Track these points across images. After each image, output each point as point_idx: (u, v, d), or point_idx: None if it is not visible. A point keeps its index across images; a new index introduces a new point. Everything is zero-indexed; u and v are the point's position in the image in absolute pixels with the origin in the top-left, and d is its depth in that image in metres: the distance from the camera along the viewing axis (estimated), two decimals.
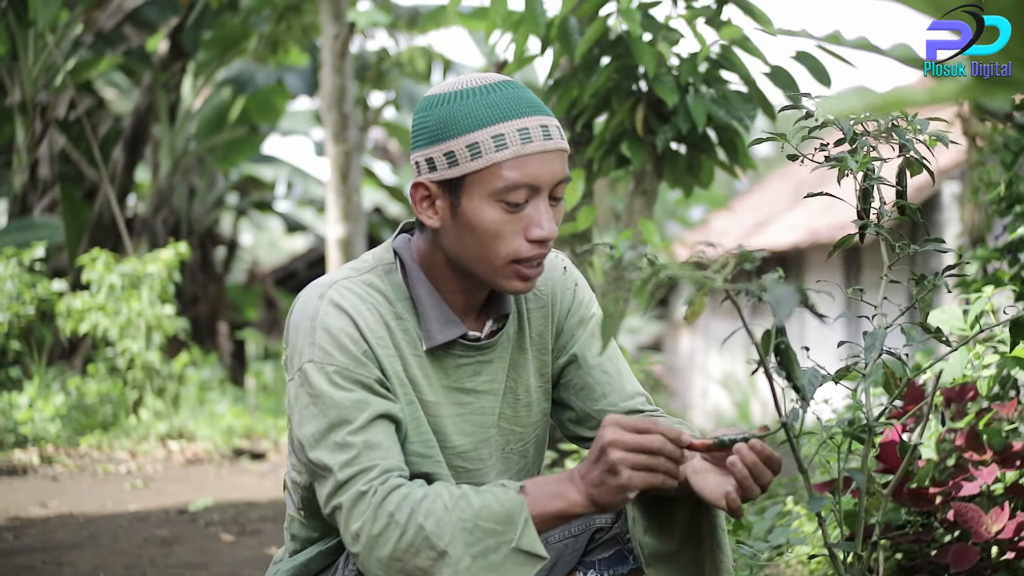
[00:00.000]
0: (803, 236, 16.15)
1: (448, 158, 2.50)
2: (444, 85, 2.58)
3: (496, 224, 2.50)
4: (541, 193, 2.51)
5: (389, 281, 2.63)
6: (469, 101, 2.51)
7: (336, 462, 2.42)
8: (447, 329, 2.61)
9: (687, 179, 5.35)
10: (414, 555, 2.34)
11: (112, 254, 10.48)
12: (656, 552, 2.68)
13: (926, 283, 2.67)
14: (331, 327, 2.50)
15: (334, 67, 12.03)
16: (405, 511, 2.35)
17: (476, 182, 2.49)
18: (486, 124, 2.48)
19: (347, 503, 2.40)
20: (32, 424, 9.35)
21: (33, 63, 13.32)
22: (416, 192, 2.56)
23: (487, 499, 2.37)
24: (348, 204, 12.03)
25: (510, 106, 2.51)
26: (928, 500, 3.62)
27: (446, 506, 2.36)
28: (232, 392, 12.90)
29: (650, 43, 5.03)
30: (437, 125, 2.52)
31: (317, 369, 2.48)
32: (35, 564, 5.57)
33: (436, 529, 2.34)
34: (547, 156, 2.51)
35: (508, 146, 2.47)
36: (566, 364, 2.84)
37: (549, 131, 2.52)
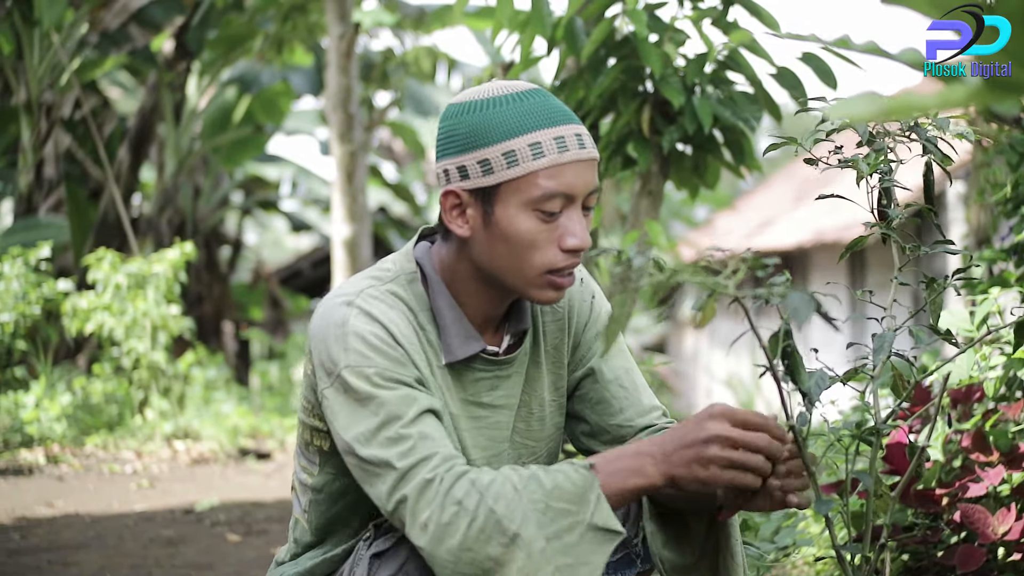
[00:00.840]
0: (808, 236, 16.14)
1: (482, 166, 2.47)
2: (472, 92, 2.56)
3: (531, 233, 2.48)
4: (575, 202, 2.50)
5: (412, 291, 2.60)
6: (503, 108, 2.49)
7: (394, 454, 2.37)
8: (467, 344, 2.59)
9: (693, 180, 5.35)
10: (485, 542, 2.28)
11: (118, 254, 10.49)
12: (676, 565, 2.67)
13: (936, 286, 2.67)
14: (363, 332, 2.47)
15: (339, 67, 12.03)
16: (474, 497, 2.30)
17: (511, 191, 2.47)
18: (522, 132, 2.46)
19: (413, 493, 2.34)
20: (38, 424, 9.36)
21: (38, 63, 13.33)
22: (447, 200, 2.53)
23: (557, 478, 2.34)
24: (353, 204, 12.04)
25: (545, 114, 2.49)
26: (935, 501, 3.62)
27: (515, 488, 2.32)
28: (237, 392, 12.91)
29: (656, 44, 5.03)
30: (470, 132, 2.49)
31: (356, 373, 2.44)
32: (41, 564, 5.58)
33: (507, 512, 2.29)
34: (582, 165, 2.50)
35: (545, 154, 2.45)
36: (582, 377, 2.83)
37: (583, 140, 2.51)
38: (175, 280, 10.29)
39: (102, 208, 14.32)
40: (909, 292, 12.84)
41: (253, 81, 16.83)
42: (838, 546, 2.56)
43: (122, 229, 13.81)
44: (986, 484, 3.57)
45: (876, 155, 2.71)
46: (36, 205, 13.38)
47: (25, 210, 13.33)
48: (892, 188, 2.75)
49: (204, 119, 16.84)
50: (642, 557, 2.78)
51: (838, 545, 2.56)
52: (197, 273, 17.19)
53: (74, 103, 14.19)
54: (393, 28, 17.11)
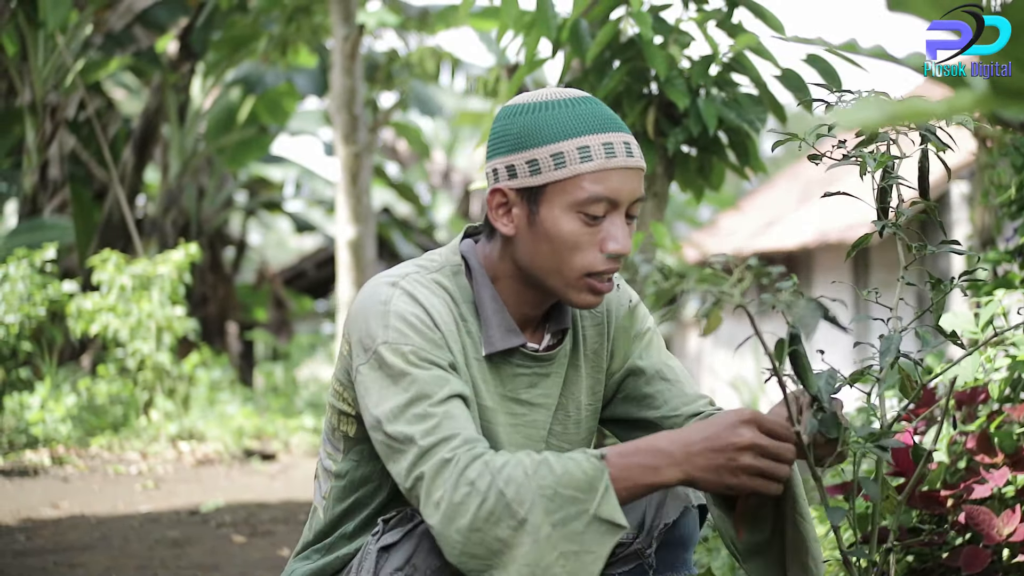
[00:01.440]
0: (812, 236, 16.13)
1: (531, 166, 2.52)
2: (527, 96, 2.61)
3: (574, 235, 2.51)
4: (619, 208, 2.53)
5: (456, 283, 2.65)
6: (555, 112, 2.54)
7: (418, 431, 2.40)
8: (507, 337, 2.63)
9: (698, 181, 5.36)
10: (494, 524, 2.31)
11: (122, 255, 10.50)
12: (750, 545, 2.69)
13: (943, 287, 2.67)
14: (404, 312, 2.51)
15: (344, 68, 12.04)
16: (486, 478, 2.33)
17: (557, 192, 2.51)
18: (572, 135, 2.51)
19: (430, 471, 2.37)
20: (43, 425, 9.37)
21: (43, 64, 13.33)
22: (493, 198, 2.58)
23: (568, 465, 2.35)
24: (358, 205, 12.04)
25: (596, 120, 2.54)
26: (939, 503, 3.63)
27: (527, 472, 2.34)
28: (242, 393, 12.92)
29: (661, 46, 5.04)
30: (521, 133, 2.54)
31: (393, 350, 2.48)
32: (47, 565, 5.58)
33: (516, 496, 2.32)
34: (628, 173, 2.53)
35: (593, 158, 2.49)
36: (624, 378, 2.86)
37: (631, 149, 2.55)
38: (180, 281, 10.30)
39: (107, 209, 14.33)
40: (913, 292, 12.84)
41: (257, 82, 16.84)
42: (844, 549, 2.56)
43: (126, 230, 13.82)
44: (991, 486, 3.57)
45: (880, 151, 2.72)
46: (41, 206, 13.39)
47: (30, 211, 13.34)
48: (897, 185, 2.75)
49: (208, 120, 16.85)
50: (655, 568, 2.79)
51: (844, 548, 2.56)
52: (201, 274, 17.20)
53: (79, 104, 14.20)
54: (397, 29, 17.11)
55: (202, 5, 14.88)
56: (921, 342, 2.65)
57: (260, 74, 16.92)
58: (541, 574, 2.32)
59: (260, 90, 16.82)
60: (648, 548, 2.77)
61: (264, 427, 10.95)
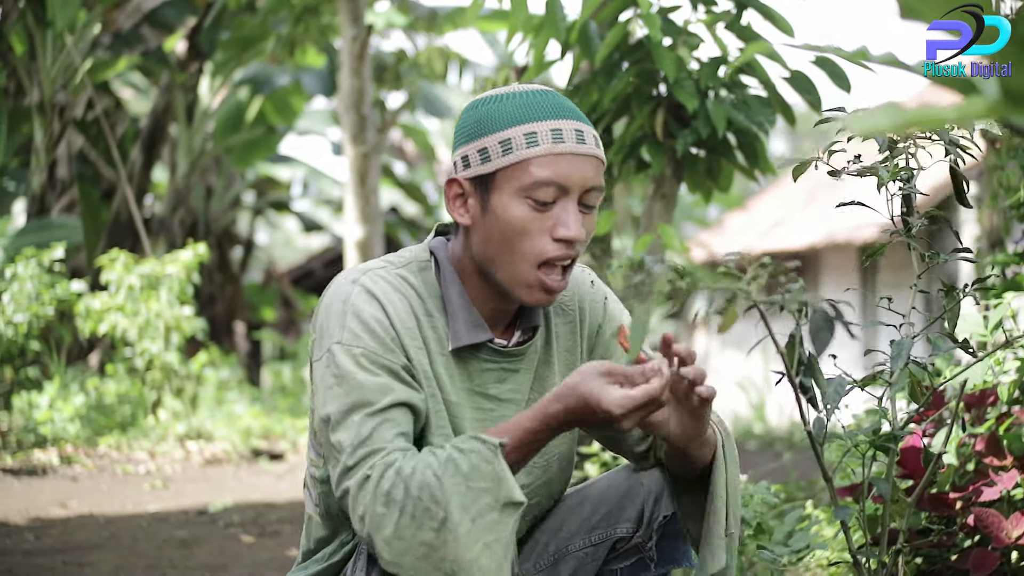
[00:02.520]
0: (820, 236, 16.12)
1: (481, 154, 2.55)
2: (488, 92, 2.65)
3: (522, 221, 2.52)
4: (570, 195, 2.54)
5: (422, 278, 2.66)
6: (507, 102, 2.57)
7: (349, 444, 2.44)
8: (473, 332, 2.64)
9: (706, 183, 5.36)
10: (416, 529, 2.36)
11: (130, 254, 10.51)
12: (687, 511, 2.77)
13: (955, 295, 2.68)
14: (361, 312, 2.53)
15: (352, 69, 12.04)
16: (400, 488, 2.37)
17: (506, 178, 2.53)
18: (520, 122, 2.53)
19: (354, 487, 2.42)
20: (52, 424, 9.38)
21: (51, 63, 13.35)
22: (450, 189, 2.61)
23: (472, 459, 2.40)
24: (366, 206, 12.04)
25: (546, 108, 2.56)
26: (948, 505, 3.63)
27: (436, 474, 2.38)
28: (250, 392, 12.93)
29: (670, 48, 5.04)
30: (474, 124, 2.58)
31: (345, 351, 2.50)
32: (56, 565, 5.59)
33: (432, 497, 2.37)
34: (579, 159, 2.54)
35: (540, 143, 2.51)
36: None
37: (583, 136, 2.56)
38: (188, 281, 10.31)
39: (115, 208, 14.35)
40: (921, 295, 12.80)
41: (265, 82, 16.86)
42: (855, 551, 2.57)
43: (135, 229, 13.84)
44: (1000, 488, 3.57)
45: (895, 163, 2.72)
46: (49, 206, 13.41)
47: (38, 210, 13.36)
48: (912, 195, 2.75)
49: (216, 120, 16.87)
50: (656, 562, 2.80)
51: (855, 550, 2.57)
52: (209, 273, 17.22)
53: (87, 104, 14.22)
54: (405, 29, 17.13)
55: (210, 5, 14.90)
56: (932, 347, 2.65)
57: (268, 74, 16.93)
58: (470, 568, 2.37)
59: (268, 90, 16.84)
60: (648, 542, 2.79)
61: (272, 427, 10.96)
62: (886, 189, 2.75)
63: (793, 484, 6.04)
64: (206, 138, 16.65)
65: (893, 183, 2.75)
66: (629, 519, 2.79)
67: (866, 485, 2.65)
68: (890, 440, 2.66)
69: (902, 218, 2.78)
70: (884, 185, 2.73)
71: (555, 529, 2.88)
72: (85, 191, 14.24)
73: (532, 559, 2.87)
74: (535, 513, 2.86)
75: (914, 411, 2.69)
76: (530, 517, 2.85)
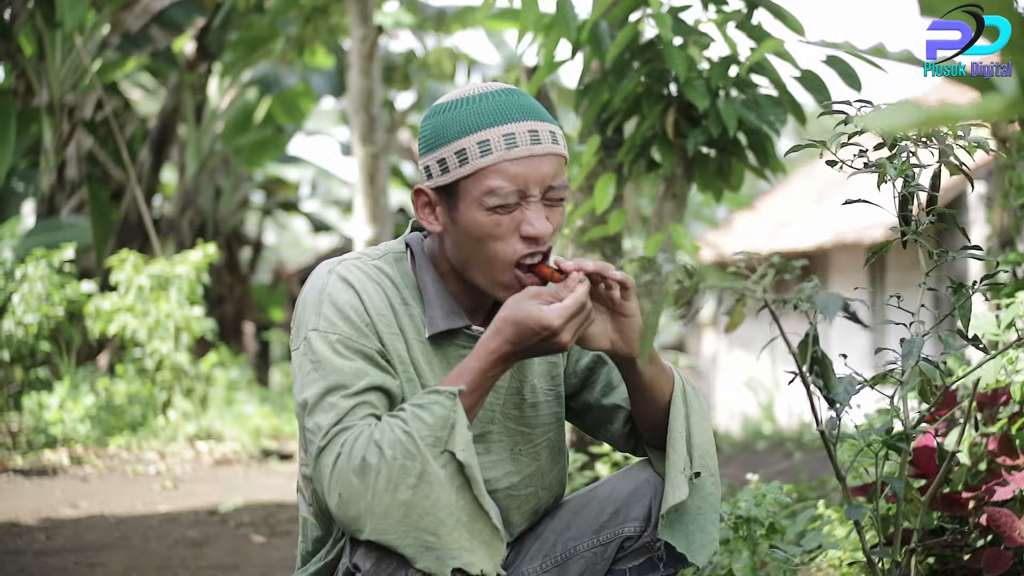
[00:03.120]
0: (829, 236, 16.10)
1: (441, 165, 2.59)
2: (447, 95, 2.67)
3: (489, 227, 2.57)
4: (531, 196, 2.58)
5: (398, 268, 2.72)
6: (461, 110, 2.59)
7: (325, 423, 2.50)
8: (450, 319, 2.69)
9: (717, 183, 5.36)
10: (393, 492, 2.43)
11: (140, 255, 10.51)
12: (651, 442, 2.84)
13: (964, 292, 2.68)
14: (337, 299, 2.59)
15: (361, 70, 12.04)
16: (374, 452, 2.44)
17: (467, 187, 2.57)
18: (473, 131, 2.56)
19: (327, 467, 2.47)
20: (62, 425, 9.39)
21: (60, 64, 13.37)
22: (418, 199, 2.66)
23: (436, 411, 2.48)
24: (375, 206, 12.05)
25: (498, 112, 2.58)
26: (961, 505, 3.62)
27: (406, 431, 2.45)
28: (259, 392, 12.94)
29: (681, 47, 5.03)
30: (432, 134, 2.61)
31: (321, 337, 2.57)
32: (67, 565, 5.60)
33: (406, 454, 2.43)
34: (534, 160, 2.57)
35: (492, 151, 2.55)
36: (591, 365, 2.90)
37: (538, 135, 2.58)
38: (197, 282, 10.31)
39: (124, 209, 14.37)
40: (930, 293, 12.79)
41: (274, 82, 16.87)
42: (869, 551, 2.57)
43: (144, 230, 13.86)
44: (1013, 488, 3.57)
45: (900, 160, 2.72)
46: (58, 206, 13.43)
47: (47, 211, 13.38)
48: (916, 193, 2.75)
49: (225, 120, 16.89)
50: (664, 561, 2.80)
51: (869, 551, 2.57)
52: (218, 274, 17.23)
53: (96, 104, 14.24)
54: (414, 29, 17.13)
55: (219, 6, 14.91)
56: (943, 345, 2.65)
57: (277, 74, 16.95)
58: (449, 512, 2.46)
59: (277, 90, 16.85)
60: (657, 541, 2.80)
61: (281, 427, 10.97)
62: (893, 187, 2.75)
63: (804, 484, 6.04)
64: (215, 139, 16.66)
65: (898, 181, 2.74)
66: (637, 518, 2.80)
67: (879, 484, 2.65)
68: (903, 440, 2.65)
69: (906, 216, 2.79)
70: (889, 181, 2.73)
71: (563, 529, 2.89)
72: (94, 192, 14.25)
73: (540, 559, 2.89)
74: (532, 505, 2.88)
75: (926, 410, 2.68)
76: (527, 508, 2.87)
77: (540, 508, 2.90)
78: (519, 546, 2.92)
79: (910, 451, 2.71)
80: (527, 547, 2.92)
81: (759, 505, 3.93)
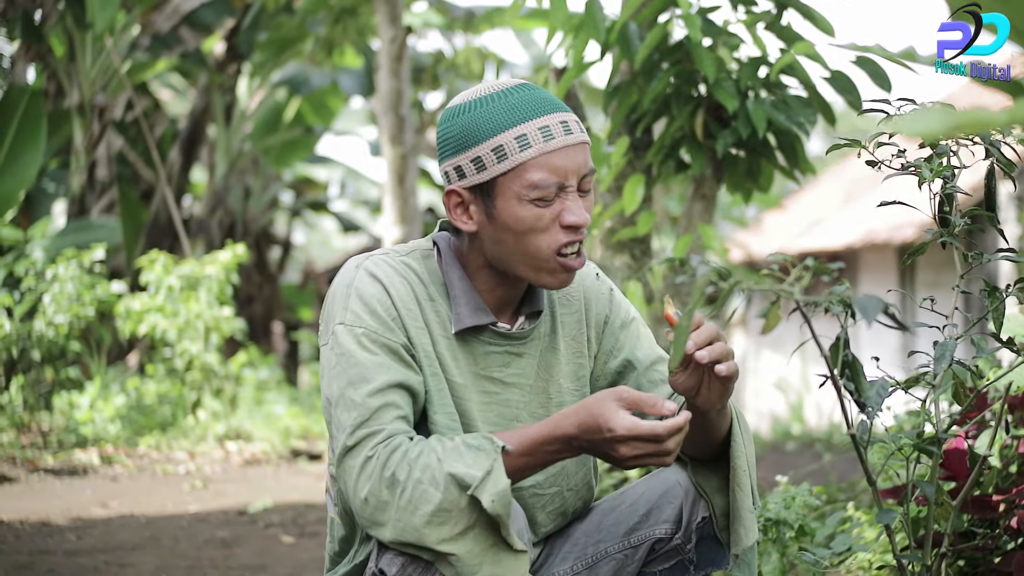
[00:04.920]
0: (858, 236, 16.04)
1: (476, 164, 2.60)
2: (462, 96, 2.69)
3: (531, 221, 2.59)
4: (569, 186, 2.60)
5: (425, 265, 2.74)
6: (489, 107, 2.61)
7: (349, 422, 2.53)
8: (476, 315, 2.70)
9: (746, 184, 5.35)
10: (411, 515, 2.44)
11: (169, 255, 10.55)
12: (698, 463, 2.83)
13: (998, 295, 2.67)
14: (364, 293, 2.62)
15: (391, 70, 12.04)
16: (404, 469, 2.46)
17: (506, 183, 2.59)
18: (508, 126, 2.58)
19: (355, 469, 2.51)
20: (92, 425, 9.43)
21: (91, 65, 13.43)
22: (449, 200, 2.66)
23: (476, 455, 2.47)
24: (404, 207, 12.05)
25: (529, 107, 2.61)
26: (992, 508, 3.60)
27: (439, 458, 2.46)
28: (288, 392, 12.96)
29: (710, 48, 5.03)
30: (461, 134, 2.62)
31: (347, 331, 2.59)
32: (98, 565, 5.61)
33: (432, 480, 2.44)
34: (570, 150, 2.60)
35: (531, 145, 2.57)
36: (620, 370, 2.90)
37: (569, 126, 2.61)
38: (227, 282, 10.33)
39: (154, 209, 14.42)
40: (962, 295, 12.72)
41: (303, 83, 16.89)
42: (900, 555, 2.56)
43: (174, 230, 13.91)
44: None
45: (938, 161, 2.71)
46: (89, 206, 13.48)
47: (78, 211, 13.43)
48: (954, 194, 2.74)
49: (254, 121, 16.93)
50: (695, 564, 2.81)
51: (900, 555, 2.56)
52: (247, 274, 17.28)
53: (126, 105, 14.30)
54: (442, 30, 17.14)
55: (248, 6, 14.95)
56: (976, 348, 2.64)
57: (306, 75, 16.97)
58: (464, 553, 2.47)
59: (306, 91, 16.87)
60: (688, 544, 2.81)
61: (310, 427, 10.99)
62: (928, 187, 2.74)
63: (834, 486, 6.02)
64: (244, 139, 16.71)
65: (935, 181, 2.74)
66: (668, 520, 2.81)
67: (910, 487, 2.64)
68: (934, 443, 2.65)
69: (943, 217, 2.78)
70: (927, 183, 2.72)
71: (593, 531, 2.90)
72: (124, 192, 14.31)
73: (570, 561, 2.89)
74: (557, 505, 2.88)
75: (957, 413, 2.67)
76: (552, 509, 2.88)
77: (567, 510, 2.90)
78: (549, 548, 2.92)
79: (941, 455, 2.70)
80: (557, 549, 2.93)
81: (788, 508, 3.92)
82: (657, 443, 2.44)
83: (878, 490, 2.59)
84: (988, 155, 2.73)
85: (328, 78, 17.03)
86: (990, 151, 2.71)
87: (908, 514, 2.65)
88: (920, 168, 2.68)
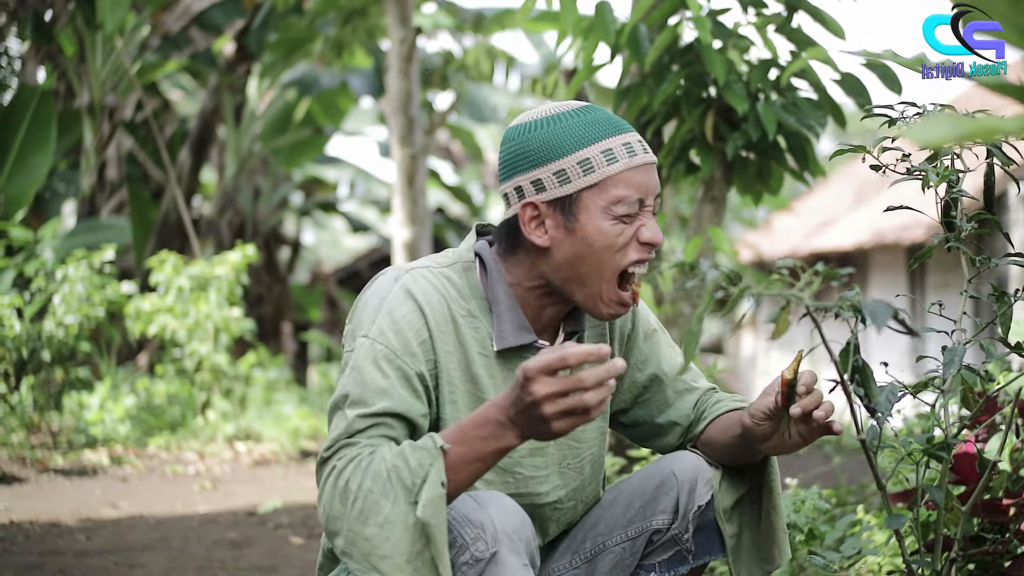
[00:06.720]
0: (867, 237, 16.03)
1: (559, 176, 2.59)
2: (532, 114, 2.68)
3: (613, 236, 2.59)
4: (647, 203, 2.62)
5: (467, 279, 2.71)
6: (569, 123, 2.61)
7: (332, 436, 2.53)
8: (520, 334, 2.68)
9: (757, 186, 5.35)
10: (362, 524, 2.43)
11: (179, 255, 10.55)
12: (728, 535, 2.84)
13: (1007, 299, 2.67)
14: (395, 311, 2.59)
15: (400, 71, 12.05)
16: (356, 480, 2.45)
17: (590, 197, 2.59)
18: (593, 141, 2.59)
19: (322, 479, 2.52)
20: (102, 425, 9.44)
21: (101, 66, 13.44)
22: (525, 212, 2.64)
23: (420, 456, 2.44)
24: (414, 207, 12.06)
25: (609, 124, 2.62)
26: (1002, 512, 3.60)
27: (388, 468, 2.44)
28: (298, 393, 12.96)
29: (720, 51, 5.03)
30: (542, 147, 2.60)
31: (369, 345, 2.57)
32: (108, 565, 5.62)
33: (382, 490, 2.43)
34: (648, 168, 2.64)
35: (618, 159, 2.59)
36: (647, 384, 2.92)
37: (644, 146, 2.65)
38: (237, 282, 10.34)
39: (163, 209, 14.43)
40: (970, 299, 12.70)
41: (313, 83, 16.89)
42: (910, 560, 2.56)
43: (183, 230, 13.91)
44: None
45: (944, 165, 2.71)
46: (98, 207, 13.50)
47: (88, 212, 13.45)
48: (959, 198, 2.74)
49: (264, 121, 16.93)
50: (694, 553, 2.82)
51: (910, 559, 2.56)
52: (257, 274, 17.28)
53: (136, 106, 14.30)
54: (452, 31, 17.14)
55: (258, 7, 14.95)
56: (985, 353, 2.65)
57: (316, 75, 16.98)
58: (404, 564, 2.43)
59: (316, 91, 16.88)
60: (685, 533, 2.83)
61: (320, 428, 10.98)
62: (935, 191, 2.74)
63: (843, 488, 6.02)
64: (254, 139, 16.71)
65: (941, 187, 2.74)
66: (665, 510, 2.82)
67: (919, 492, 2.64)
68: (943, 448, 2.65)
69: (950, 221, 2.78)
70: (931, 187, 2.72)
71: (592, 525, 2.93)
72: (134, 192, 14.31)
73: (569, 555, 2.92)
74: (568, 518, 2.91)
75: (967, 418, 2.67)
76: (564, 521, 2.91)
77: (576, 519, 2.94)
78: (548, 544, 2.94)
79: (951, 459, 2.69)
80: (557, 544, 2.95)
81: (798, 511, 3.92)
82: (578, 388, 2.32)
83: (888, 494, 2.59)
84: (989, 155, 2.73)
85: (338, 79, 17.03)
86: (991, 151, 2.71)
87: (918, 518, 2.65)
88: (926, 172, 2.68)
